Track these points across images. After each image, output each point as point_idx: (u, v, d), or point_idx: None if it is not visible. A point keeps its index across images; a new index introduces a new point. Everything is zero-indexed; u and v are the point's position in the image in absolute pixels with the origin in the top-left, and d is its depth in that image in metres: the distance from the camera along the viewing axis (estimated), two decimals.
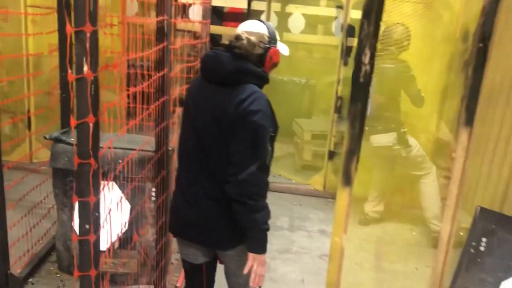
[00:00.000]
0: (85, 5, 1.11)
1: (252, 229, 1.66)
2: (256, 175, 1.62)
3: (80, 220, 1.25)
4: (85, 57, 1.13)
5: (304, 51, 6.58)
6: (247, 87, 1.69)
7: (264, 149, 1.66)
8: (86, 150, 1.18)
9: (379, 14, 1.48)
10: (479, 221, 2.40)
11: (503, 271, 2.25)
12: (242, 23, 1.82)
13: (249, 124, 1.62)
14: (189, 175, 1.80)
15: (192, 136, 1.76)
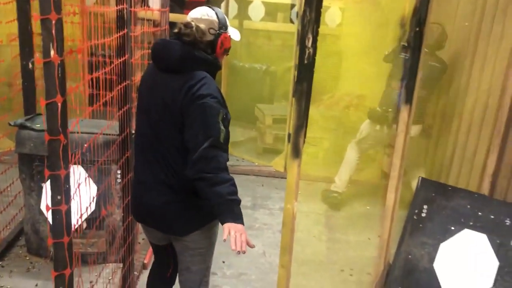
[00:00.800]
0: None
1: (219, 203, 1.62)
2: (210, 150, 1.63)
3: (52, 192, 1.37)
4: (51, 42, 1.25)
5: (264, 39, 6.72)
6: (197, 73, 1.71)
7: (215, 127, 1.66)
8: (55, 128, 1.31)
9: (319, 2, 1.65)
10: (421, 190, 2.64)
11: (441, 234, 2.50)
12: (193, 10, 1.82)
13: (198, 107, 1.65)
14: (144, 163, 1.83)
15: (146, 124, 1.79)
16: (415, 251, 2.55)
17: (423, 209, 2.60)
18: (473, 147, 3.27)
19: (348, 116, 4.98)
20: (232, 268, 2.84)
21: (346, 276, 2.89)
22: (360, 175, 4.12)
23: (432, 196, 2.59)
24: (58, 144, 1.32)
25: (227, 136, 1.72)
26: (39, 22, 1.25)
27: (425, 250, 2.52)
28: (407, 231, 2.62)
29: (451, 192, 2.58)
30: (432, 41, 3.40)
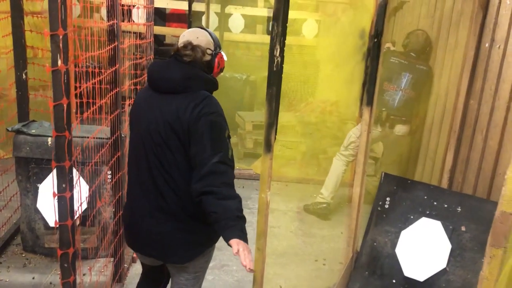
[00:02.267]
0: (58, 14, 1.47)
1: (227, 217, 1.60)
2: (219, 166, 1.62)
3: (58, 181, 1.61)
4: (59, 54, 1.50)
5: (244, 50, 7.03)
6: (200, 92, 1.72)
7: (224, 143, 1.66)
8: (61, 125, 1.55)
9: (285, 18, 1.92)
10: (384, 184, 2.93)
11: (402, 222, 2.79)
12: (186, 31, 1.86)
13: (205, 123, 1.64)
14: (141, 190, 1.78)
15: (143, 149, 1.75)
16: (379, 238, 2.83)
17: (386, 201, 2.88)
18: (434, 145, 3.59)
19: (324, 122, 5.27)
20: (214, 261, 3.07)
21: (320, 265, 3.15)
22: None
23: (394, 189, 2.88)
24: (63, 140, 1.56)
25: (233, 153, 1.73)
26: (31, 36, 1.49)
27: (388, 237, 2.80)
28: (372, 221, 2.90)
29: (410, 185, 2.87)
30: (417, 46, 3.70)
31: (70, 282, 1.67)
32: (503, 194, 1.53)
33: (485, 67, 2.95)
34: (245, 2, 6.75)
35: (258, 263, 2.17)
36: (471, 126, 3.09)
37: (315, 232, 3.63)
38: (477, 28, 2.99)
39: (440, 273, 2.58)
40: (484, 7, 2.95)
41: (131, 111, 1.87)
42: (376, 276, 2.77)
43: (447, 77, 3.46)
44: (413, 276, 2.64)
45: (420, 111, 3.75)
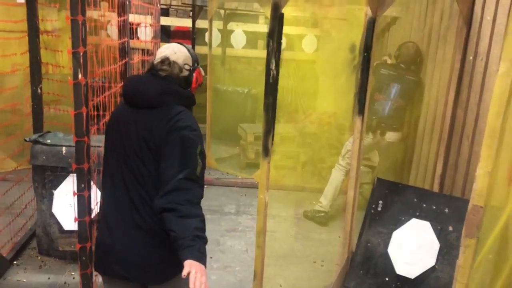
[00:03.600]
0: (79, 34, 1.69)
1: (184, 237, 1.49)
2: (185, 182, 1.57)
3: (77, 181, 1.81)
4: (79, 68, 1.71)
5: (246, 64, 7.26)
6: (175, 107, 1.69)
7: (193, 160, 1.61)
8: (81, 131, 1.76)
9: (280, 35, 2.14)
10: (377, 188, 3.11)
11: (394, 224, 2.96)
12: (164, 47, 1.83)
13: (175, 138, 1.62)
14: (115, 206, 1.71)
15: (118, 164, 1.70)
16: (373, 239, 3.00)
17: (379, 204, 3.06)
18: (426, 152, 3.78)
19: (323, 133, 5.46)
20: (218, 262, 3.25)
21: (318, 267, 3.32)
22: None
23: (386, 193, 3.06)
24: (83, 144, 1.77)
25: (203, 170, 1.66)
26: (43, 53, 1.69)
27: (381, 238, 2.97)
28: (366, 223, 3.07)
29: (401, 189, 3.05)
30: (408, 58, 3.91)
31: (88, 273, 1.86)
32: (474, 189, 1.72)
33: (470, 78, 3.15)
34: (247, 19, 7.00)
35: (258, 260, 2.36)
36: (459, 133, 3.27)
37: (313, 236, 3.80)
38: (462, 42, 3.19)
39: (430, 270, 2.75)
40: (467, 23, 3.16)
41: (107, 126, 1.81)
42: (370, 275, 2.94)
43: (436, 88, 3.66)
44: (404, 273, 2.81)
45: (410, 118, 3.94)
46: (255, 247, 2.37)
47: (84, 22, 1.66)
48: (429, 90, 3.79)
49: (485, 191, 1.69)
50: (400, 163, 4.22)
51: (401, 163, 4.21)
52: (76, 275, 2.99)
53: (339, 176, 4.04)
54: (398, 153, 4.16)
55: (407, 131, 4.00)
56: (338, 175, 4.04)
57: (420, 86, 3.91)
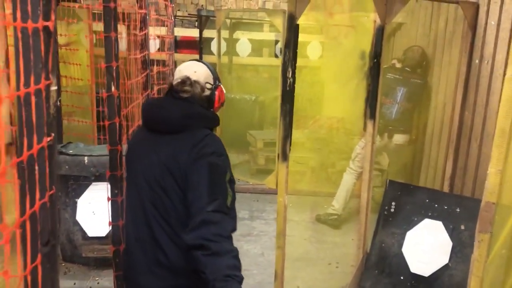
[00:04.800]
0: (112, 50, 1.80)
1: (215, 278, 1.36)
2: (214, 215, 1.43)
3: (111, 187, 1.92)
4: (112, 81, 1.82)
5: (252, 72, 7.39)
6: (200, 131, 1.58)
7: (222, 188, 1.48)
8: (114, 140, 1.87)
9: (295, 45, 2.25)
10: (389, 190, 3.20)
11: (407, 224, 3.05)
12: (182, 66, 1.74)
13: (203, 166, 1.49)
14: (137, 242, 1.60)
15: (139, 197, 1.59)
16: (387, 240, 3.09)
17: (392, 205, 3.15)
18: (435, 155, 3.87)
19: (331, 138, 5.57)
20: None
21: (333, 269, 3.41)
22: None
23: (398, 195, 3.15)
24: (116, 152, 1.88)
25: (234, 200, 1.52)
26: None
27: (395, 238, 3.06)
28: (379, 224, 3.16)
29: (413, 190, 3.15)
30: (414, 62, 4.02)
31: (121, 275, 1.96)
32: (486, 187, 1.81)
33: (476, 81, 3.25)
34: (252, 27, 7.14)
35: (278, 260, 2.45)
36: (467, 136, 3.37)
37: (327, 239, 3.89)
38: (468, 46, 3.30)
39: (443, 268, 2.83)
40: (472, 28, 3.26)
41: (126, 156, 1.70)
42: (385, 274, 3.02)
43: (443, 92, 3.76)
44: (419, 272, 2.89)
45: (419, 122, 4.04)
46: (275, 248, 2.47)
47: (117, 39, 1.78)
48: (437, 94, 3.89)
49: (497, 188, 1.78)
50: (410, 165, 4.31)
51: (411, 165, 4.30)
52: (100, 280, 3.10)
53: (350, 180, 4.13)
54: (406, 155, 4.26)
55: (416, 134, 4.09)
56: (349, 178, 4.14)
57: (427, 89, 4.01)
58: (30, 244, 0.93)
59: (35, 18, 0.84)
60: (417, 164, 4.20)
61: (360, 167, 4.02)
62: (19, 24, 0.80)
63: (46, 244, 1.01)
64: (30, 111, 0.87)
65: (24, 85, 0.84)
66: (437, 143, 3.85)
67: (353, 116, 5.19)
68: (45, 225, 0.99)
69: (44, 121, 0.91)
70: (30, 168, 0.90)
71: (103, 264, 3.21)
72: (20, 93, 0.83)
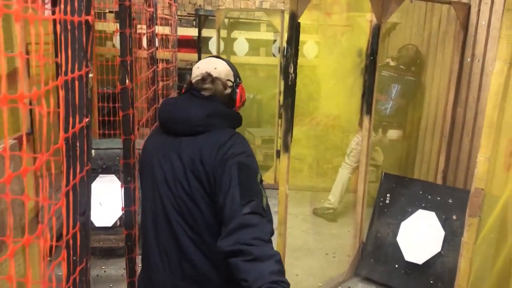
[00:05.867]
0: (127, 45, 1.92)
1: (260, 286, 1.20)
2: (251, 218, 1.29)
3: (124, 175, 2.03)
4: (127, 75, 1.94)
5: (250, 71, 7.51)
6: (223, 131, 1.47)
7: (256, 189, 1.35)
8: (128, 130, 1.99)
9: (297, 42, 2.38)
10: (384, 183, 3.34)
11: (401, 215, 3.19)
12: (200, 62, 1.62)
13: (232, 166, 1.36)
14: (160, 255, 1.48)
15: (161, 205, 1.47)
16: (382, 230, 3.23)
17: (387, 197, 3.29)
18: (428, 149, 4.01)
19: (327, 135, 5.71)
20: None
21: (330, 258, 3.54)
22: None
23: (393, 187, 3.29)
24: (130, 141, 1.99)
25: (268, 202, 1.38)
26: None
27: (390, 228, 3.20)
28: (375, 215, 3.30)
29: (407, 182, 3.29)
30: (408, 59, 4.15)
31: (133, 257, 2.08)
32: (476, 174, 1.95)
33: (468, 78, 3.40)
34: (249, 27, 7.26)
35: (279, 246, 2.58)
36: (459, 130, 3.52)
37: (324, 231, 4.02)
38: (460, 45, 3.44)
39: (436, 256, 2.97)
40: (464, 27, 3.41)
41: (142, 160, 1.58)
42: (381, 263, 3.16)
43: (437, 89, 3.91)
44: (413, 260, 3.03)
45: (413, 117, 4.19)
46: (277, 235, 2.60)
47: (131, 34, 1.90)
48: (430, 90, 4.03)
49: (485, 175, 1.92)
50: (404, 159, 4.46)
51: (405, 159, 4.44)
52: (106, 268, 3.21)
53: (345, 174, 4.26)
54: (400, 150, 4.40)
55: (410, 129, 4.24)
56: (344, 173, 4.27)
57: (420, 86, 4.15)
58: (71, 213, 1.06)
59: (79, 13, 0.96)
60: (412, 158, 4.34)
61: (355, 161, 4.16)
62: (68, 17, 0.92)
63: (83, 214, 1.14)
64: (74, 94, 0.99)
65: (70, 71, 0.96)
66: (430, 138, 3.99)
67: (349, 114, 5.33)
68: (82, 197, 1.11)
69: (84, 103, 1.03)
70: (73, 144, 1.02)
71: (109, 254, 3.32)
72: (68, 77, 0.95)
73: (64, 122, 0.98)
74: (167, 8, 3.57)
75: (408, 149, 4.34)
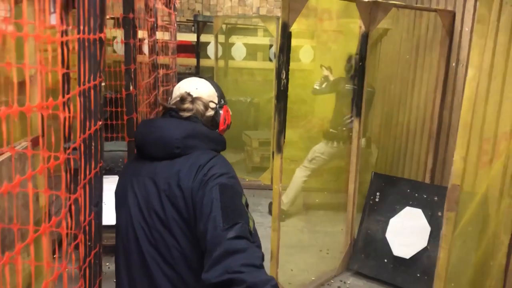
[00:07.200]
0: (131, 53, 2.09)
1: None
2: (239, 242, 1.17)
3: None
4: (131, 81, 2.11)
5: (247, 75, 7.70)
6: (203, 152, 1.36)
7: (241, 211, 1.24)
8: (132, 133, 2.15)
9: (288, 50, 2.55)
10: (374, 182, 3.51)
11: (390, 212, 3.35)
12: (182, 82, 1.52)
13: (213, 189, 1.26)
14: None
15: (134, 237, 1.37)
16: (372, 226, 3.39)
17: (377, 195, 3.46)
18: (417, 150, 4.18)
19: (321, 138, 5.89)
20: None
21: (323, 254, 3.70)
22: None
23: (382, 185, 3.46)
24: (133, 144, 2.16)
25: (254, 223, 1.27)
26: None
27: (380, 225, 3.37)
28: (365, 212, 3.47)
29: (396, 181, 3.46)
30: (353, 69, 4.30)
31: None
32: (452, 171, 2.12)
33: (453, 82, 3.57)
34: (247, 32, 7.44)
35: (274, 241, 2.75)
36: (445, 132, 3.69)
37: (318, 229, 4.19)
38: (445, 51, 3.62)
39: (422, 251, 3.14)
40: (449, 34, 3.59)
41: (117, 187, 1.48)
42: (371, 258, 3.33)
43: (425, 92, 4.08)
44: (400, 255, 3.19)
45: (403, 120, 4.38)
46: (271, 230, 2.76)
47: (135, 45, 2.06)
48: (419, 94, 4.21)
49: (461, 172, 2.09)
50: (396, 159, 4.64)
51: (397, 159, 4.62)
52: (110, 265, 3.37)
53: (301, 178, 4.36)
54: (367, 156, 4.55)
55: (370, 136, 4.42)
56: (301, 175, 4.37)
57: (375, 95, 4.31)
58: (87, 204, 1.23)
59: (94, 31, 1.13)
60: (402, 158, 4.51)
61: (315, 169, 4.34)
62: (86, 36, 1.09)
63: (96, 205, 1.30)
64: (90, 101, 1.15)
65: (87, 81, 1.13)
66: (419, 139, 4.16)
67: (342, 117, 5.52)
68: (96, 190, 1.28)
69: (98, 109, 1.20)
70: (89, 144, 1.19)
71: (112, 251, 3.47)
72: (85, 87, 1.12)
73: (82, 125, 1.14)
74: (167, 15, 3.74)
75: (399, 150, 4.51)
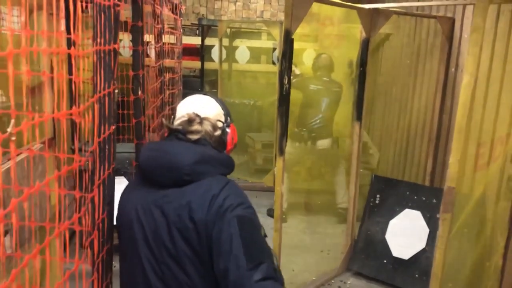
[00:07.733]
0: (139, 60, 2.18)
1: None
2: (266, 285, 1.12)
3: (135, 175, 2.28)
4: (139, 86, 2.20)
5: (251, 78, 7.78)
6: (214, 179, 1.29)
7: (263, 248, 1.19)
8: (140, 135, 2.24)
9: (291, 56, 2.63)
10: (374, 184, 3.59)
11: (390, 214, 3.43)
12: (185, 100, 1.43)
13: (231, 222, 1.19)
14: None
15: (140, 270, 1.29)
16: (372, 228, 3.47)
17: (377, 197, 3.54)
18: (418, 153, 4.26)
19: None
20: None
21: (324, 255, 3.78)
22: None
23: (382, 188, 3.54)
24: (141, 146, 2.25)
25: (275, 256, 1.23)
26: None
27: (379, 226, 3.44)
28: (366, 214, 3.55)
29: (395, 183, 3.53)
30: (327, 68, 4.38)
31: None
32: (448, 174, 2.20)
33: (452, 87, 3.65)
34: (250, 36, 7.54)
35: (276, 241, 2.83)
36: (445, 136, 3.76)
37: (320, 230, 4.27)
38: (445, 56, 3.70)
39: (421, 252, 3.21)
40: (449, 40, 3.66)
41: (119, 214, 1.39)
42: (371, 258, 3.40)
43: (425, 97, 4.15)
44: (399, 255, 3.27)
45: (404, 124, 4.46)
46: (273, 231, 2.84)
47: (143, 51, 2.15)
48: (419, 98, 4.28)
49: (456, 175, 2.17)
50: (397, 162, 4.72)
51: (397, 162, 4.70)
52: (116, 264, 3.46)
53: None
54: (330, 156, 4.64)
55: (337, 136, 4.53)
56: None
57: (341, 93, 4.40)
58: (101, 202, 1.31)
59: (110, 43, 1.22)
60: (403, 161, 4.58)
61: (292, 165, 4.38)
62: (102, 47, 1.18)
63: (109, 204, 1.39)
64: (105, 107, 1.24)
65: (103, 89, 1.22)
66: (419, 142, 4.24)
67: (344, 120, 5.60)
68: (109, 190, 1.37)
69: (112, 114, 1.29)
70: (104, 147, 1.28)
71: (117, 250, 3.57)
72: (100, 94, 1.21)
73: (97, 130, 1.23)
74: (173, 20, 3.83)
75: (399, 153, 4.58)
